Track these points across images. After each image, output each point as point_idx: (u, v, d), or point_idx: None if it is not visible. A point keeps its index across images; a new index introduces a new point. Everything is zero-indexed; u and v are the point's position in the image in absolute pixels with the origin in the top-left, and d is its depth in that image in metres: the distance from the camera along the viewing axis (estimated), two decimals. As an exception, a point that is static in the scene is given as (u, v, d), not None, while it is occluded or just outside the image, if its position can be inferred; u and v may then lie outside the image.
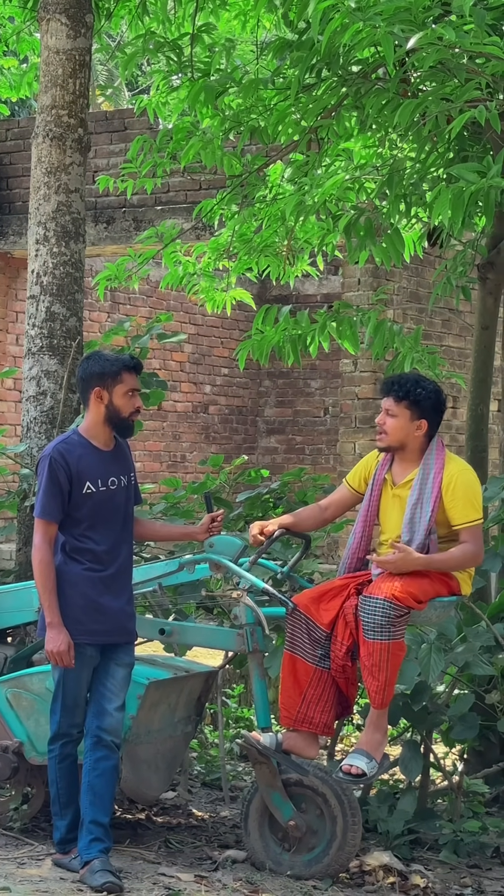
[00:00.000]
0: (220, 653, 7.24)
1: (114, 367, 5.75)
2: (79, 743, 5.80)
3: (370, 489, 5.92)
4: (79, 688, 5.73)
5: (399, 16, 5.86)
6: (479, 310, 8.17)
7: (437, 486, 5.73)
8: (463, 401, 13.97)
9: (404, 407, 5.79)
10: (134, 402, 5.80)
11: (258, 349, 8.17)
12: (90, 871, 5.51)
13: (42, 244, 7.74)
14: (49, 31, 7.75)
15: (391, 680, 5.59)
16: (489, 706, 6.52)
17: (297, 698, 5.79)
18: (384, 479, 5.91)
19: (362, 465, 6.06)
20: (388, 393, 5.84)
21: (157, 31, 8.48)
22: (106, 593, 5.72)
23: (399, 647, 5.58)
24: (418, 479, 5.77)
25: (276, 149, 8.20)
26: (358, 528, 5.95)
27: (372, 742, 5.68)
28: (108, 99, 24.28)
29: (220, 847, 6.24)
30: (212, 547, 6.05)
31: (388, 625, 5.50)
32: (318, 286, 17.23)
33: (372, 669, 5.56)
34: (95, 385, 5.75)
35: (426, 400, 5.80)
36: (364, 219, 7.50)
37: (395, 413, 5.80)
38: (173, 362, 16.94)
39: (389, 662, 5.55)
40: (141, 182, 8.27)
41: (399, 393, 5.79)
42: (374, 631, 5.52)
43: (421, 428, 5.81)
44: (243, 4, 8.80)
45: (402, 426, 5.81)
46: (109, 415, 5.77)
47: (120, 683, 5.75)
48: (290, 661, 5.83)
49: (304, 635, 5.79)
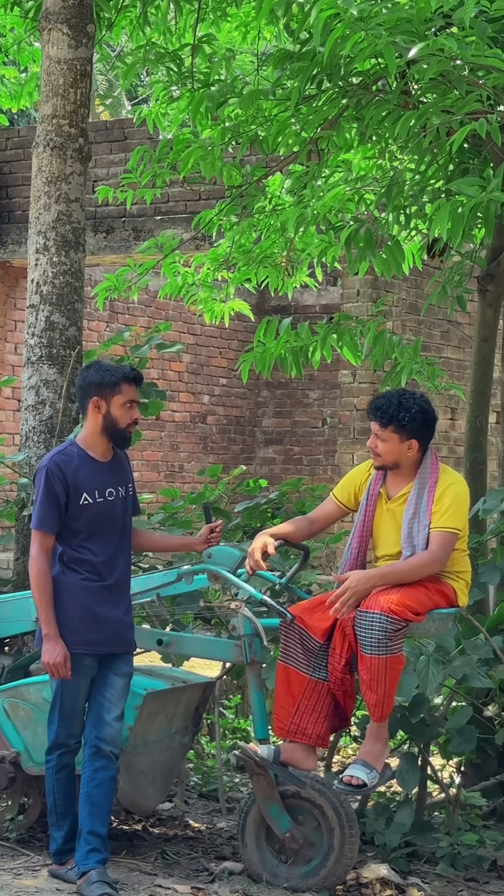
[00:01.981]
0: (218, 663, 7.23)
1: (113, 378, 5.74)
2: (76, 753, 5.78)
3: (364, 504, 5.91)
4: (76, 698, 5.71)
5: (401, 27, 5.87)
6: (479, 322, 8.17)
7: (431, 499, 5.73)
8: (462, 412, 13.99)
9: (391, 431, 5.77)
10: (132, 413, 5.78)
11: (260, 362, 8.17)
12: (87, 882, 5.49)
13: (42, 253, 7.74)
14: (50, 40, 7.75)
15: (390, 693, 5.58)
16: (487, 719, 6.50)
17: (291, 709, 5.78)
18: (379, 494, 5.90)
19: (350, 479, 6.04)
20: (374, 418, 5.81)
21: (158, 41, 8.50)
22: (104, 603, 5.71)
23: (397, 660, 5.56)
24: (413, 494, 5.76)
25: (275, 160, 8.21)
26: (354, 544, 5.94)
27: (372, 752, 5.67)
28: (108, 108, 24.30)
29: (217, 859, 6.22)
30: (210, 558, 6.04)
31: (385, 639, 5.48)
32: (316, 297, 17.24)
33: (370, 683, 5.55)
34: (94, 395, 5.74)
35: (412, 422, 5.76)
36: (364, 230, 7.50)
37: (384, 438, 5.79)
38: (172, 372, 16.94)
39: (388, 676, 5.54)
40: (140, 193, 8.27)
41: (383, 419, 5.77)
42: (372, 646, 5.50)
43: (412, 447, 5.80)
44: (244, 15, 8.81)
45: (392, 449, 5.79)
46: (106, 425, 5.76)
47: (118, 693, 5.74)
48: (283, 671, 5.82)
49: (298, 646, 5.78)
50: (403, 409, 5.76)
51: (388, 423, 5.76)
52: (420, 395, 5.90)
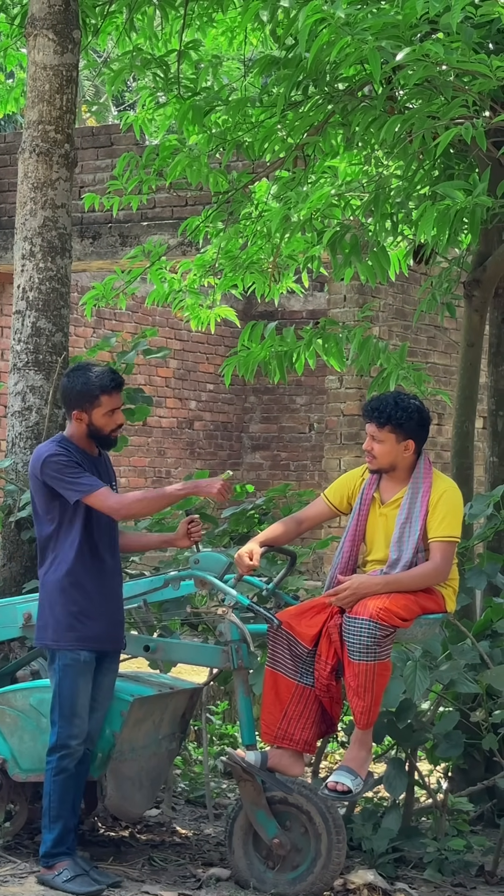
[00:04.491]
0: (205, 669, 7.22)
1: (92, 392, 5.78)
2: (78, 758, 5.76)
3: (358, 508, 5.91)
4: (75, 697, 5.71)
5: (387, 31, 5.88)
6: (465, 327, 8.18)
7: (425, 505, 5.73)
8: (448, 418, 14.00)
9: (388, 431, 5.78)
10: (115, 419, 5.83)
11: (244, 365, 8.17)
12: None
13: (28, 259, 7.73)
14: (36, 46, 7.74)
15: (377, 700, 5.57)
16: (474, 724, 6.50)
17: (278, 714, 5.77)
18: (372, 499, 5.90)
19: (344, 482, 6.04)
20: (371, 419, 5.82)
21: (144, 47, 8.50)
22: (99, 600, 5.74)
23: (385, 667, 5.56)
24: (407, 499, 5.77)
25: (261, 166, 8.21)
26: (346, 547, 5.94)
27: (357, 759, 5.67)
28: (95, 114, 24.31)
29: (204, 865, 6.22)
30: (197, 563, 6.04)
31: (373, 645, 5.48)
32: (303, 303, 17.26)
33: (357, 690, 5.54)
34: (74, 407, 5.80)
35: (409, 421, 5.78)
36: (349, 236, 7.51)
37: (381, 438, 5.79)
38: (158, 378, 16.94)
39: (375, 683, 5.53)
40: (127, 199, 8.27)
41: (381, 419, 5.78)
42: (360, 652, 5.50)
43: (409, 448, 5.81)
44: (230, 21, 8.82)
45: (389, 450, 5.80)
46: (91, 432, 5.85)
47: (106, 693, 5.80)
48: (271, 677, 5.81)
49: (286, 652, 5.78)
50: (400, 408, 5.77)
51: (385, 423, 5.77)
52: (414, 396, 5.93)
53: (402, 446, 5.79)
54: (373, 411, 5.81)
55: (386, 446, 5.79)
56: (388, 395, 5.89)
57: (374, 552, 5.88)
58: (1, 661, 6.70)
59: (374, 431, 5.81)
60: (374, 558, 5.88)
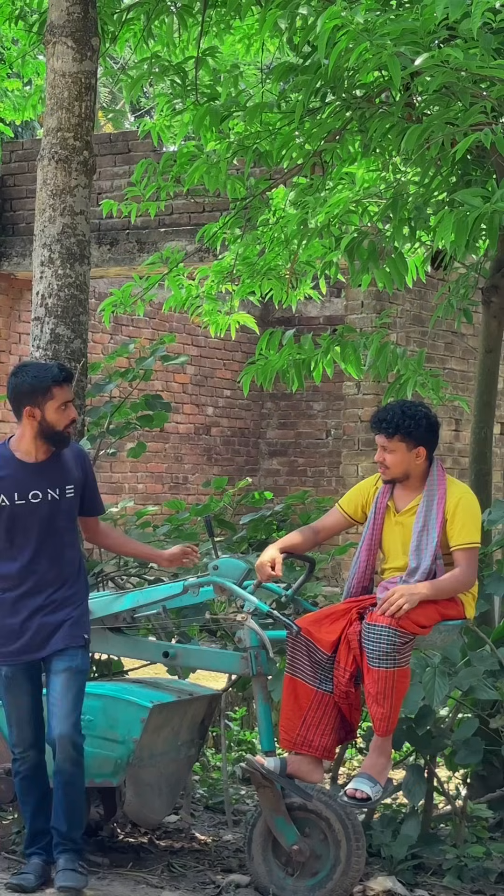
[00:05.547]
0: (224, 676, 7.23)
1: (43, 384, 5.71)
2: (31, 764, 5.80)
3: (372, 517, 5.91)
4: (13, 707, 5.78)
5: (405, 37, 5.88)
6: (483, 333, 8.18)
7: (441, 512, 5.73)
8: (466, 424, 13.98)
9: (398, 440, 5.79)
10: (68, 414, 5.74)
11: (262, 374, 8.17)
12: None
13: (47, 266, 7.75)
14: (55, 54, 7.76)
15: (396, 707, 5.57)
16: (493, 731, 6.49)
17: (297, 721, 5.77)
18: (387, 507, 5.91)
19: (358, 491, 6.06)
20: (380, 430, 5.83)
21: (162, 54, 8.51)
22: (17, 612, 5.71)
23: (404, 674, 5.56)
24: (423, 506, 5.77)
25: (279, 172, 8.22)
26: (362, 557, 5.94)
27: (376, 766, 5.66)
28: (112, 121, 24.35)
29: (224, 871, 6.21)
30: (216, 570, 6.04)
31: (393, 652, 5.48)
32: (320, 309, 17.26)
33: (377, 697, 5.54)
34: (26, 404, 5.71)
35: (417, 428, 5.79)
36: (367, 242, 7.51)
37: (392, 448, 5.81)
38: (176, 384, 16.95)
39: (395, 690, 5.53)
40: (145, 206, 8.28)
41: (390, 429, 5.79)
42: (379, 659, 5.50)
43: (420, 455, 5.82)
44: (248, 28, 8.83)
45: (401, 459, 5.81)
46: (43, 430, 5.72)
47: (59, 692, 5.67)
48: (290, 683, 5.81)
49: (305, 658, 5.78)
50: (408, 416, 5.78)
51: (394, 433, 5.77)
52: (421, 403, 5.93)
53: (414, 454, 5.80)
54: (381, 422, 5.83)
55: (397, 456, 5.80)
56: (395, 405, 5.89)
57: (392, 560, 5.88)
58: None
59: (384, 442, 5.82)
60: (392, 566, 5.88)
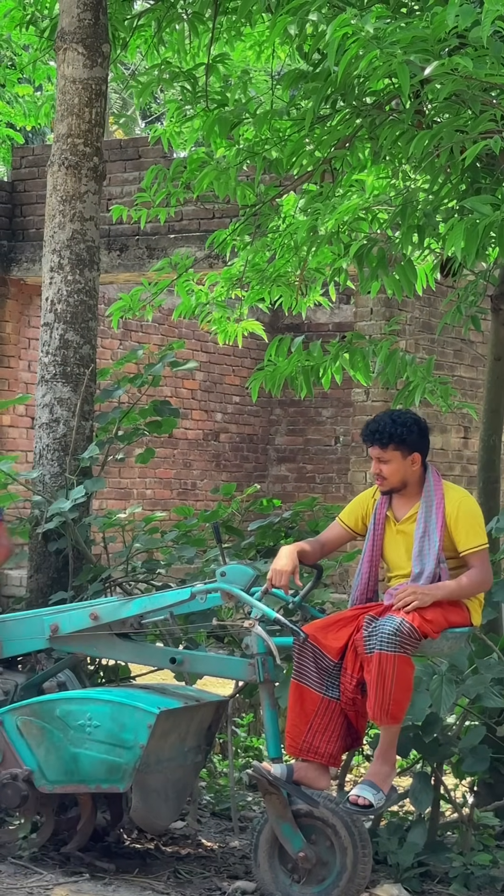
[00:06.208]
0: (231, 682, 7.22)
1: None
2: None
3: (373, 528, 5.94)
4: None
5: (415, 45, 5.89)
6: (493, 341, 8.17)
7: (441, 516, 5.76)
8: (475, 431, 13.97)
9: (393, 449, 5.83)
10: None
11: (270, 381, 8.17)
12: None
13: (56, 272, 7.76)
14: (66, 60, 7.78)
15: (396, 697, 5.50)
16: (500, 739, 6.49)
17: (304, 727, 5.77)
18: (386, 517, 5.93)
19: (358, 503, 6.08)
20: (373, 442, 5.86)
21: (173, 60, 8.53)
22: None
23: (405, 661, 5.50)
24: (422, 513, 5.80)
25: (289, 179, 8.22)
26: (364, 568, 5.97)
27: (380, 774, 5.66)
28: (122, 127, 24.39)
29: (230, 878, 6.21)
30: (224, 576, 6.04)
31: (395, 636, 5.44)
32: (329, 315, 17.26)
33: (376, 681, 5.47)
34: None
35: (410, 434, 5.83)
36: (377, 249, 7.51)
37: (387, 458, 5.84)
38: (185, 390, 16.96)
39: (395, 677, 5.46)
40: (155, 212, 8.29)
41: (383, 440, 5.82)
42: (381, 642, 5.45)
43: (416, 461, 5.86)
44: (258, 35, 8.84)
45: (398, 468, 5.85)
46: None
47: None
48: (296, 690, 5.81)
49: (312, 664, 5.78)
50: (399, 424, 5.83)
51: (388, 443, 5.82)
52: (408, 411, 5.99)
53: (409, 461, 5.84)
54: (373, 434, 5.86)
55: (393, 465, 5.84)
56: (383, 416, 5.93)
57: (396, 569, 5.90)
58: (28, 673, 6.72)
59: (378, 453, 5.85)
60: (398, 574, 5.89)
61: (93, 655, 6.86)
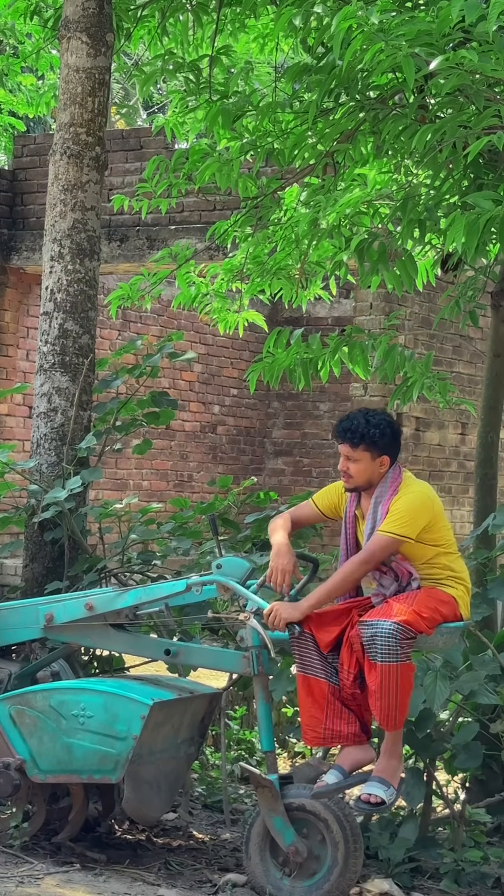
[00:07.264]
0: (224, 674, 7.22)
1: None
2: None
3: (345, 528, 5.95)
4: None
5: (420, 39, 5.88)
6: (492, 337, 8.16)
7: (384, 513, 5.74)
8: (472, 428, 13.97)
9: (363, 450, 5.81)
10: None
11: (269, 372, 8.16)
12: None
13: (57, 261, 7.75)
14: (69, 49, 7.76)
15: (402, 702, 5.54)
16: (493, 735, 6.48)
17: (321, 716, 5.77)
18: (355, 517, 5.93)
19: (334, 490, 6.06)
20: (344, 440, 5.84)
21: (176, 51, 8.51)
22: None
23: (408, 668, 5.54)
24: (370, 512, 5.80)
25: (291, 172, 8.20)
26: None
27: (388, 769, 5.66)
28: (124, 117, 24.36)
29: (221, 870, 6.21)
30: (219, 568, 6.03)
31: (395, 646, 5.45)
32: (329, 309, 17.24)
33: (380, 692, 5.49)
34: None
35: (382, 437, 5.81)
36: (377, 244, 7.50)
37: (356, 458, 5.82)
38: (182, 381, 16.94)
39: (399, 685, 5.49)
40: (156, 202, 8.27)
41: (354, 439, 5.81)
42: (383, 654, 5.47)
43: (384, 464, 5.84)
44: (262, 27, 8.82)
45: (365, 468, 5.83)
46: None
47: None
48: (304, 682, 5.81)
49: (314, 654, 5.78)
50: (372, 426, 5.81)
51: (359, 443, 5.80)
52: (383, 411, 5.96)
53: (378, 462, 5.83)
54: (345, 432, 5.84)
55: (361, 465, 5.82)
56: (358, 414, 5.90)
57: None
58: (22, 662, 6.71)
59: (348, 452, 5.84)
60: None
61: (87, 646, 6.86)
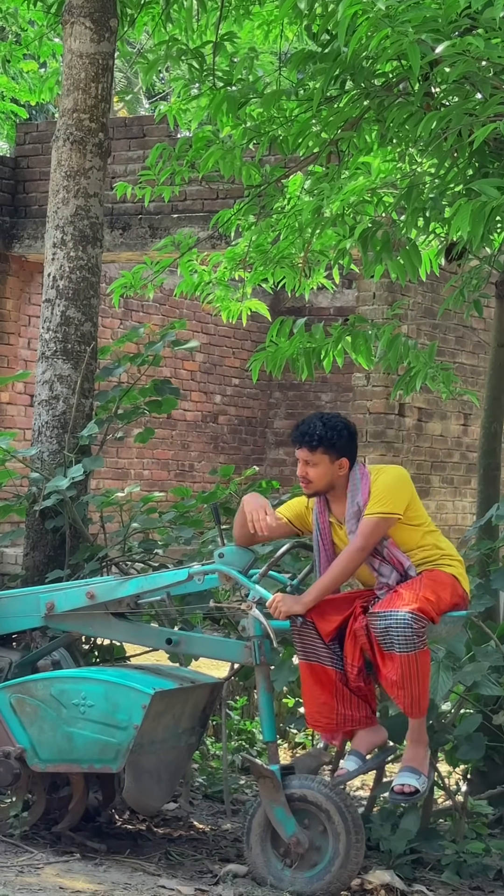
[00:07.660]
0: (225, 664, 7.20)
1: None
2: None
3: (319, 537, 5.91)
4: None
5: (426, 25, 5.84)
6: (495, 327, 8.14)
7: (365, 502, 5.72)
8: (475, 418, 13.94)
9: (321, 453, 5.78)
10: None
11: (272, 361, 8.13)
12: None
13: (59, 248, 7.71)
14: (73, 34, 7.72)
15: (424, 688, 5.55)
16: (496, 727, 6.46)
17: (332, 702, 5.77)
18: (330, 523, 5.90)
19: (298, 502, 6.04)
20: (301, 444, 5.81)
21: (180, 38, 8.46)
22: None
23: (426, 654, 5.55)
24: (350, 511, 5.78)
25: (295, 160, 8.17)
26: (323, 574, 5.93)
27: (417, 757, 5.68)
28: (127, 105, 24.30)
29: (221, 861, 6.19)
30: (221, 558, 6.01)
31: (413, 636, 5.45)
32: (331, 299, 17.21)
33: (402, 682, 5.50)
34: None
35: (339, 439, 5.78)
36: (381, 232, 7.46)
37: (315, 461, 5.79)
38: (184, 371, 16.92)
39: (420, 671, 5.50)
40: (159, 190, 8.24)
41: (312, 442, 5.78)
42: (403, 644, 5.46)
43: (343, 466, 5.81)
44: (267, 14, 8.77)
45: (324, 472, 5.80)
46: None
47: None
48: (309, 670, 5.80)
49: (318, 642, 5.77)
50: (329, 428, 5.79)
51: (318, 446, 5.77)
52: (338, 414, 5.94)
53: (337, 465, 5.80)
54: (303, 436, 5.81)
55: (320, 469, 5.80)
56: (314, 418, 5.88)
57: (361, 570, 5.85)
58: (22, 651, 6.69)
59: (306, 456, 5.80)
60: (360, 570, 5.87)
61: (88, 634, 6.84)
